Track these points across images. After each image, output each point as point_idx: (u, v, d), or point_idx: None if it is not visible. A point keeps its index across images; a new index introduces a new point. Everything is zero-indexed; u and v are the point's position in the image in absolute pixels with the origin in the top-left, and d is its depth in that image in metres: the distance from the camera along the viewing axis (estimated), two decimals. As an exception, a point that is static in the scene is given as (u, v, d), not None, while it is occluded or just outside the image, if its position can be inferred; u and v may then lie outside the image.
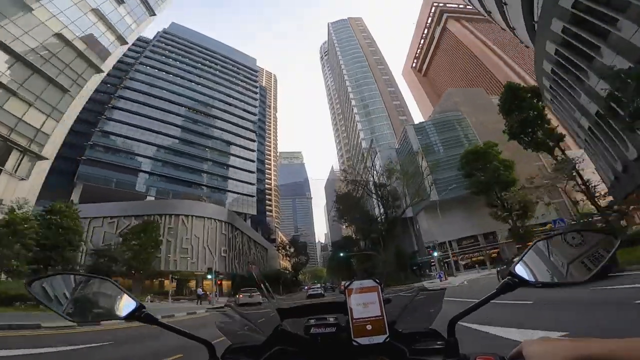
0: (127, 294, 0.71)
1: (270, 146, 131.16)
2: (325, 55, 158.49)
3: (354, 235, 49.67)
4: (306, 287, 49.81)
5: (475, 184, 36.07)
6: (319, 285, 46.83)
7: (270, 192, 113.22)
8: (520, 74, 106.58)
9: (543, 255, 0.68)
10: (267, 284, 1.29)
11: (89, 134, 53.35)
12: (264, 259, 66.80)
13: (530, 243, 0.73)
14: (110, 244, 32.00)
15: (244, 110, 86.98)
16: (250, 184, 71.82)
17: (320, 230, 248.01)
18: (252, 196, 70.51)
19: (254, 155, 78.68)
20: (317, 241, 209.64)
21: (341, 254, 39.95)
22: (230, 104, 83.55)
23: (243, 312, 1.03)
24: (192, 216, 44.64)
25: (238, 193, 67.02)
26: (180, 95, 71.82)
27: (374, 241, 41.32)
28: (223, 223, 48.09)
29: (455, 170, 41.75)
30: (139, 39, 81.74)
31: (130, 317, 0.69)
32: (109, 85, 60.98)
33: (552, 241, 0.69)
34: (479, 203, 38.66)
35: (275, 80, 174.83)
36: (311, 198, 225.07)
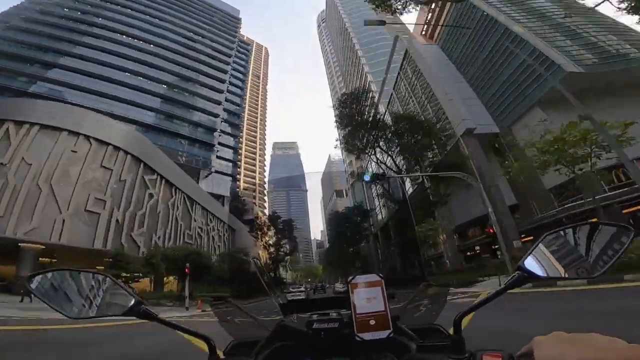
0: (126, 289, 0.70)
1: (256, 115, 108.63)
2: (323, 22, 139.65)
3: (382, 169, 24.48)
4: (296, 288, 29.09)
5: None
6: (302, 288, 27.40)
7: (253, 160, 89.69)
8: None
9: (554, 248, 0.64)
10: (267, 276, 1.11)
11: None
12: (223, 241, 42.32)
13: None
14: None
15: (214, 49, 64.87)
16: (209, 129, 47.77)
17: (317, 227, 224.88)
18: (211, 145, 46.27)
19: (220, 97, 55.25)
20: (312, 238, 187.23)
21: (366, 178, 15.24)
22: (194, 40, 61.63)
23: (245, 307, 0.98)
24: (32, 124, 20.43)
25: (183, 136, 43.02)
26: (123, 23, 49.27)
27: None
28: (111, 149, 23.71)
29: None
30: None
31: (128, 313, 0.67)
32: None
33: (564, 233, 0.64)
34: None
35: (267, 54, 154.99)
36: (307, 190, 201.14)
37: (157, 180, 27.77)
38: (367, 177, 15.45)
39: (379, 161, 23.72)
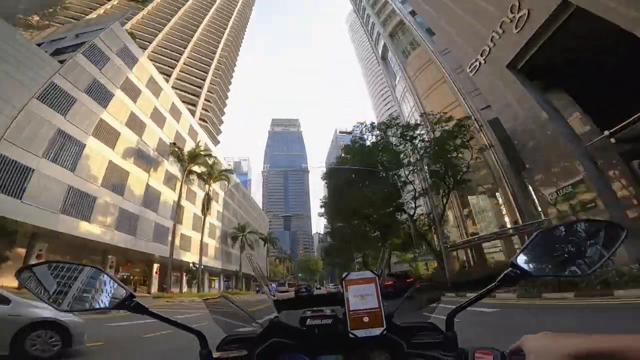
0: (118, 282, 0.70)
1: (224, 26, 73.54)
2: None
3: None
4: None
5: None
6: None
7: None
8: None
9: (546, 246, 0.63)
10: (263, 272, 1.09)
11: None
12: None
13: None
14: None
15: None
16: None
17: (319, 219, 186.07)
18: None
19: None
20: (314, 232, 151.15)
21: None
22: None
23: (239, 302, 0.98)
24: None
25: None
26: None
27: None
28: None
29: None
30: None
31: (119, 306, 0.67)
32: None
33: (556, 231, 0.64)
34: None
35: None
36: (309, 171, 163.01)
37: None
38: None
39: None
